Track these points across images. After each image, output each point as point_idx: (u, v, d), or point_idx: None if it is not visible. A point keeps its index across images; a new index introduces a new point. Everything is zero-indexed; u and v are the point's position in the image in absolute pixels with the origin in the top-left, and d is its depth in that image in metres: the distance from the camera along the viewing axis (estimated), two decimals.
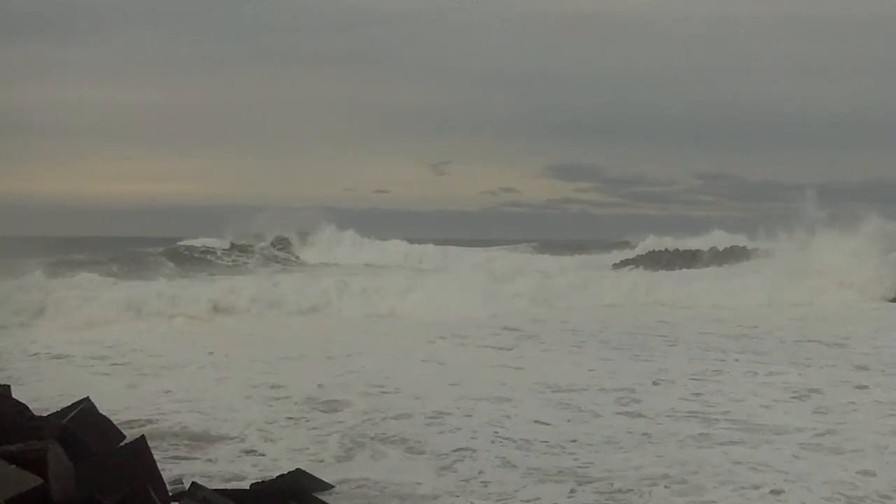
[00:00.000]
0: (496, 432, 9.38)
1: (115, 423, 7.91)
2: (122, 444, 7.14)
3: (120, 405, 10.25)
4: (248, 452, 8.61)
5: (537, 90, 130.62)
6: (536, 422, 9.94)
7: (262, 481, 6.99)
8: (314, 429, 9.58)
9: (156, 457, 6.37)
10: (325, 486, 7.17)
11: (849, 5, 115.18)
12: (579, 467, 8.06)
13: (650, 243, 50.41)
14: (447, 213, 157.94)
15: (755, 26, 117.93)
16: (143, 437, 6.27)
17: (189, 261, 38.19)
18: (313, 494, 6.65)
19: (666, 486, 7.43)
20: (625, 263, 46.59)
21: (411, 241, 53.40)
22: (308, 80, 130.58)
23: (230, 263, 39.61)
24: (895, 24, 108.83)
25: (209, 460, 8.30)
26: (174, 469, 7.70)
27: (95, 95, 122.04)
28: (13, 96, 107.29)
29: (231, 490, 6.54)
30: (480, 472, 7.92)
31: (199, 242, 42.85)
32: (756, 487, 7.40)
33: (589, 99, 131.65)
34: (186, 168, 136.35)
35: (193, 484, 6.32)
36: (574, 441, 9.01)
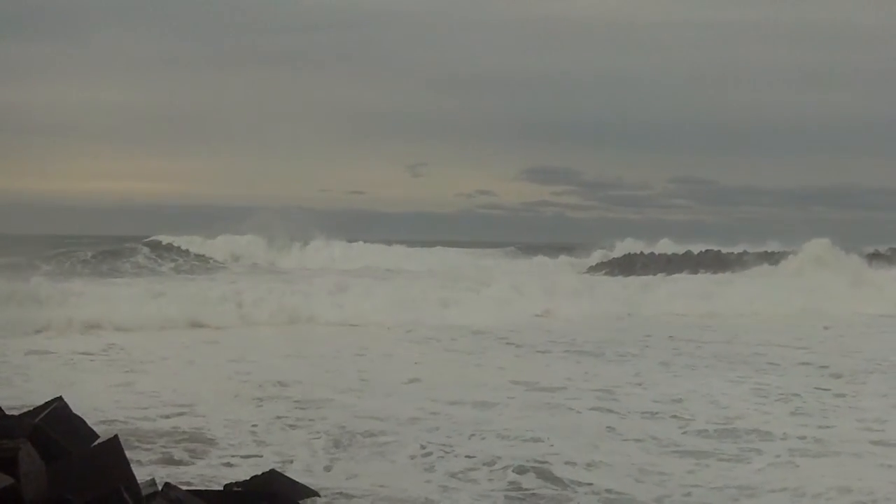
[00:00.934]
0: (476, 430, 9.46)
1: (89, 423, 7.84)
2: (94, 443, 7.07)
3: (97, 405, 10.22)
4: (228, 453, 8.59)
5: (514, 93, 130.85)
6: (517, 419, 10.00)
7: (237, 482, 6.95)
8: (297, 428, 9.60)
9: (135, 457, 6.33)
10: (301, 488, 7.14)
11: (831, 13, 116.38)
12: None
13: (625, 247, 50.32)
14: (423, 215, 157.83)
15: (732, 32, 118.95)
16: (116, 436, 6.21)
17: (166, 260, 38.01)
18: (289, 496, 6.62)
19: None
20: (600, 267, 46.73)
21: (389, 242, 53.06)
22: (285, 81, 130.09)
23: (196, 264, 39.15)
24: (872, 32, 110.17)
25: (183, 461, 8.27)
26: (152, 470, 7.64)
27: (75, 95, 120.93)
28: None
29: (204, 491, 6.49)
30: (460, 471, 7.96)
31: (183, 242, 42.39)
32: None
33: (566, 102, 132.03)
34: (163, 168, 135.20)
35: (166, 484, 6.26)
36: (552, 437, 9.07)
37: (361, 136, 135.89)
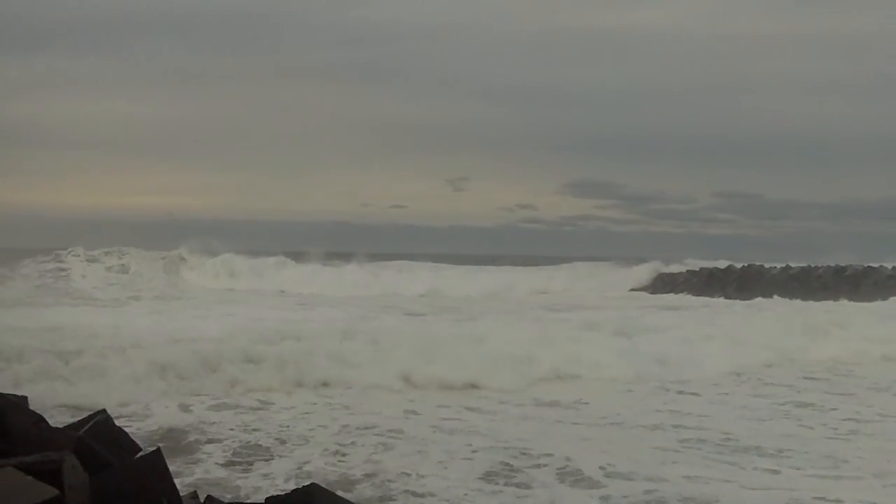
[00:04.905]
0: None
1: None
2: (137, 455, 7.10)
3: None
4: (270, 460, 8.66)
5: (555, 106, 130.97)
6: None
7: (277, 495, 6.93)
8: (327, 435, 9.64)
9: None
10: (342, 502, 7.10)
11: (866, 24, 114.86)
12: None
13: (665, 265, 49.58)
14: (463, 229, 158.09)
15: (777, 44, 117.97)
16: (158, 449, 6.23)
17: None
18: None
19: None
20: (640, 288, 46.22)
21: (434, 258, 51.77)
22: (326, 95, 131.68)
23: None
24: None
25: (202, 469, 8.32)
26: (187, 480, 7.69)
27: (106, 108, 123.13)
28: (22, 109, 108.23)
29: None
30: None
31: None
32: None
33: (607, 115, 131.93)
34: (205, 181, 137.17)
35: (208, 497, 6.27)
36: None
37: (402, 151, 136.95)
